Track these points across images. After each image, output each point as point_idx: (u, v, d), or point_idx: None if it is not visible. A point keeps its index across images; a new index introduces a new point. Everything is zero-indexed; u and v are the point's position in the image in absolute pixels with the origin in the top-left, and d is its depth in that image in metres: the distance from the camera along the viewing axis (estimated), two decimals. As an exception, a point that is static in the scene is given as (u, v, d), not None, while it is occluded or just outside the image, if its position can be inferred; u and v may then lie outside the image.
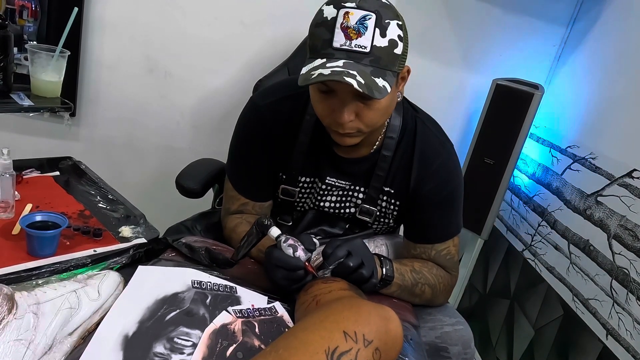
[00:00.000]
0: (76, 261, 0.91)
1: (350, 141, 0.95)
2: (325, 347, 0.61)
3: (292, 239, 0.88)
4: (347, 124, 0.89)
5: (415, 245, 1.11)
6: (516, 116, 1.71)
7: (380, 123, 0.94)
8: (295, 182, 1.11)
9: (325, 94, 0.90)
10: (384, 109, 0.92)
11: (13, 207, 1.01)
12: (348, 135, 0.93)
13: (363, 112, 0.90)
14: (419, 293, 1.06)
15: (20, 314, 0.67)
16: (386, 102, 0.90)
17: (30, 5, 1.49)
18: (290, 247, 0.87)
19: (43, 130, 1.81)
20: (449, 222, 1.09)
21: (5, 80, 1.18)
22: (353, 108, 0.89)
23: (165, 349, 0.71)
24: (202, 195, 1.36)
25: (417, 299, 1.07)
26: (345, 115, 0.88)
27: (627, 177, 1.34)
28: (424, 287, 1.05)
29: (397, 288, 1.02)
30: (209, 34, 1.79)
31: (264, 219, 0.90)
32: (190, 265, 0.93)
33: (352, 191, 1.11)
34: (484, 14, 1.84)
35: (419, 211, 1.08)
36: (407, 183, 1.07)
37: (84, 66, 1.75)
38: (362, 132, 0.93)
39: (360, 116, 0.90)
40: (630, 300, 1.24)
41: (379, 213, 1.12)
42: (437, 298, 1.10)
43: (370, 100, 0.87)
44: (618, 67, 1.55)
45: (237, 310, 0.83)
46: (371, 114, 0.90)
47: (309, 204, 1.15)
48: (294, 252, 0.86)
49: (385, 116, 0.95)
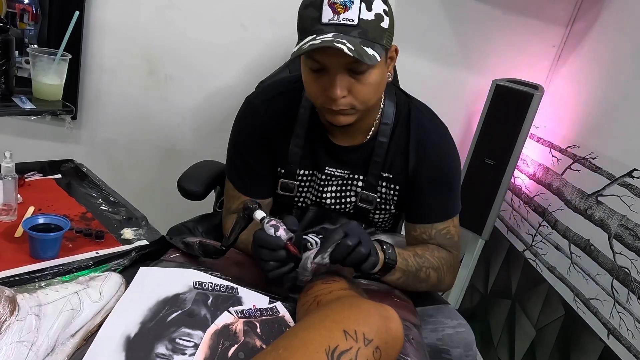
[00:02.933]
0: (78, 263, 0.91)
1: (345, 119, 0.96)
2: (326, 346, 0.62)
3: (275, 220, 0.88)
4: (339, 99, 0.91)
5: (416, 226, 1.11)
6: (516, 116, 1.71)
7: (372, 101, 0.96)
8: (294, 175, 1.12)
9: (317, 73, 0.92)
10: (376, 84, 0.93)
11: (15, 209, 1.02)
12: (342, 113, 0.95)
13: (355, 87, 0.91)
14: (424, 277, 1.04)
15: (22, 315, 0.68)
16: (377, 78, 0.92)
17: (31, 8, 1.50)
18: (272, 227, 0.87)
19: (45, 133, 1.82)
20: (447, 202, 1.11)
21: (7, 84, 1.19)
22: (345, 83, 0.90)
23: (167, 350, 0.71)
24: (203, 197, 1.36)
25: (423, 285, 1.05)
26: (337, 90, 0.89)
27: (627, 177, 1.34)
28: (428, 270, 1.04)
29: (401, 274, 1.00)
30: (209, 37, 1.80)
31: (250, 203, 0.91)
32: (191, 266, 0.93)
33: (351, 180, 1.12)
34: (483, 14, 1.85)
35: (418, 192, 1.09)
36: (405, 167, 1.08)
37: (85, 69, 1.76)
38: (355, 110, 0.95)
39: (353, 92, 0.92)
40: (632, 300, 1.24)
41: (379, 200, 1.12)
42: (443, 281, 1.09)
43: (361, 75, 0.90)
44: (618, 67, 1.55)
45: (238, 310, 0.83)
46: (363, 89, 0.92)
47: (310, 198, 1.15)
48: (276, 231, 0.87)
49: (377, 93, 0.96)
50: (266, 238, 0.87)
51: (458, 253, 1.14)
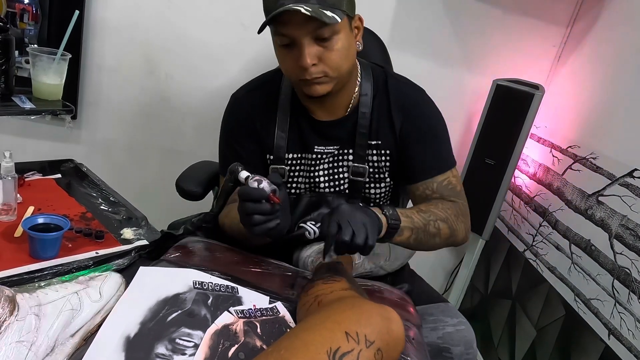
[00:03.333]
0: (78, 263, 0.91)
1: (321, 88, 1.00)
2: (327, 347, 0.61)
3: (259, 176, 0.90)
4: (310, 68, 0.96)
5: (417, 185, 1.12)
6: (517, 116, 1.71)
7: (344, 67, 1.00)
8: (283, 160, 1.14)
9: (288, 48, 0.98)
10: (344, 50, 0.97)
11: (15, 209, 1.02)
12: (317, 82, 0.99)
13: (324, 55, 0.96)
14: (435, 231, 1.03)
15: (22, 315, 0.67)
16: (344, 44, 0.97)
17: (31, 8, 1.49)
18: (255, 181, 0.89)
19: (45, 133, 1.82)
20: (440, 154, 1.13)
21: (7, 84, 1.19)
22: (314, 52, 0.95)
23: (167, 350, 0.71)
24: (202, 197, 1.37)
25: (437, 240, 1.05)
26: (307, 58, 0.94)
27: (628, 177, 1.34)
28: (437, 223, 1.03)
29: (410, 232, 0.99)
30: (209, 36, 1.79)
31: (234, 166, 0.92)
32: (191, 266, 0.93)
33: (341, 155, 1.14)
34: (484, 14, 1.84)
35: (410, 151, 1.12)
36: (392, 131, 1.12)
37: (85, 69, 1.76)
38: (329, 77, 0.99)
39: (323, 59, 0.97)
40: (632, 300, 1.24)
41: (372, 170, 1.14)
42: (456, 232, 1.08)
43: (328, 42, 0.95)
44: (618, 67, 1.55)
45: (238, 310, 0.83)
46: (332, 56, 0.96)
47: (302, 182, 1.17)
48: (259, 184, 0.88)
49: (347, 60, 1.00)
50: (249, 191, 0.88)
51: (464, 201, 1.15)
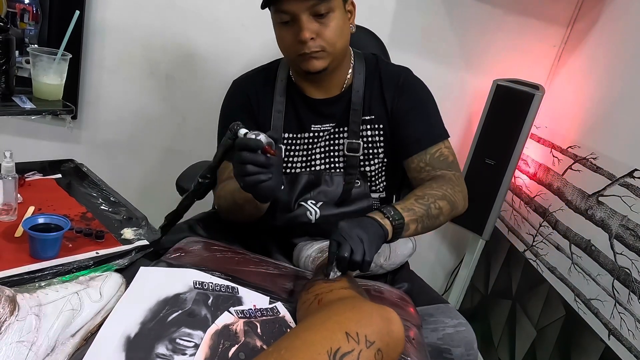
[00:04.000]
0: (78, 263, 0.91)
1: (318, 63, 1.07)
2: (328, 347, 0.62)
3: (258, 131, 0.91)
4: (309, 41, 1.04)
5: (412, 158, 1.16)
6: (517, 117, 1.71)
7: (339, 44, 1.08)
8: (280, 140, 1.17)
9: (287, 25, 1.06)
10: (338, 28, 1.06)
11: (15, 209, 1.02)
12: (314, 57, 1.06)
13: (321, 30, 1.04)
14: (437, 212, 1.06)
15: (22, 315, 0.68)
16: (339, 22, 1.06)
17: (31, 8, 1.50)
18: (253, 134, 0.90)
19: (45, 133, 1.82)
20: (431, 126, 1.18)
21: (7, 84, 1.19)
22: (312, 27, 1.03)
23: (168, 350, 0.71)
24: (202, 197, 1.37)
25: (441, 218, 1.07)
26: (306, 32, 1.03)
27: (628, 177, 1.34)
28: (436, 203, 1.06)
29: (415, 224, 1.02)
30: (209, 37, 1.80)
31: (234, 124, 0.94)
32: (192, 266, 0.93)
33: (337, 133, 1.19)
34: (484, 14, 1.84)
35: (402, 125, 1.17)
36: (384, 107, 1.18)
37: (86, 69, 1.76)
38: (326, 53, 1.07)
39: (320, 34, 1.04)
40: (632, 300, 1.24)
41: (365, 145, 1.18)
42: (456, 204, 1.11)
43: (324, 18, 1.04)
44: (618, 67, 1.55)
45: (239, 310, 0.83)
46: (328, 31, 1.05)
47: (299, 162, 1.20)
48: (257, 137, 0.89)
49: (342, 38, 1.08)
50: (247, 140, 0.90)
51: (457, 171, 1.18)
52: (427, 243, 2.20)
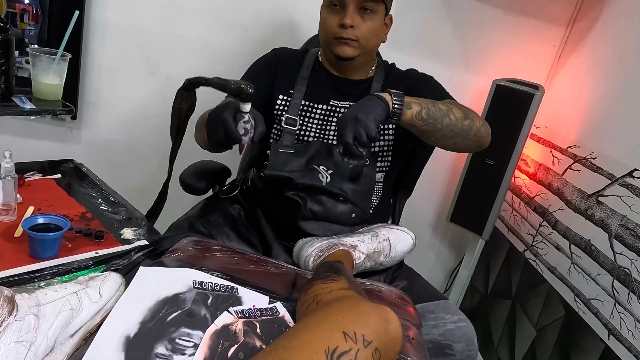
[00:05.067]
0: (78, 263, 0.91)
1: (349, 50, 1.19)
2: (325, 347, 0.62)
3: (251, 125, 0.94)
4: (349, 28, 1.16)
5: None
6: (516, 117, 1.71)
7: (371, 42, 1.21)
8: (298, 106, 1.25)
9: (334, 9, 1.18)
10: (375, 29, 1.20)
11: (15, 209, 1.02)
12: (347, 44, 1.18)
13: (361, 23, 1.17)
14: (445, 109, 1.08)
15: (21, 315, 0.68)
16: (377, 24, 1.20)
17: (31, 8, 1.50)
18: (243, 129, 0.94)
19: (45, 133, 1.82)
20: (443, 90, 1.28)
21: (7, 84, 1.19)
22: (355, 17, 1.17)
23: (167, 350, 0.71)
24: (205, 192, 1.38)
25: (452, 117, 1.09)
26: (349, 19, 1.16)
27: (628, 177, 1.34)
28: (444, 103, 1.10)
29: (419, 107, 1.05)
30: (209, 37, 1.80)
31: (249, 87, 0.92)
32: (191, 266, 0.93)
33: None
34: (484, 14, 1.84)
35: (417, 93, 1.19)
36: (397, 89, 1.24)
37: (85, 69, 1.76)
38: (358, 44, 1.18)
39: (359, 26, 1.17)
40: (632, 300, 1.24)
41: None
42: (470, 115, 1.13)
43: (368, 14, 1.17)
44: (618, 67, 1.55)
45: (238, 310, 0.83)
46: (366, 27, 1.18)
47: (313, 130, 1.25)
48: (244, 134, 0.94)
49: (375, 39, 1.22)
50: (233, 131, 0.93)
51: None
52: (427, 243, 2.20)
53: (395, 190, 1.51)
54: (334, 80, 1.28)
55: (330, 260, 1.06)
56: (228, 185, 1.43)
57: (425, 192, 1.99)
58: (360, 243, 1.14)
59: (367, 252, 1.14)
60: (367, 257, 1.14)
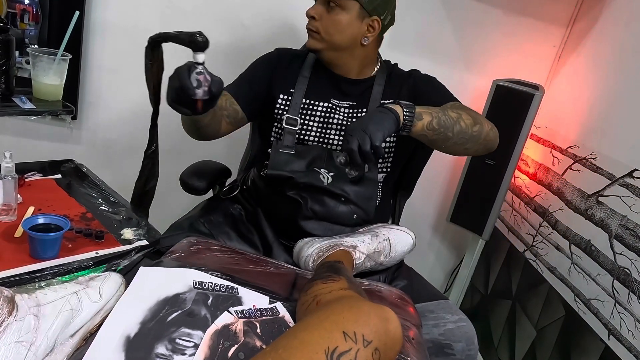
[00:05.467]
0: (78, 263, 0.91)
1: (313, 42, 1.21)
2: (325, 347, 0.62)
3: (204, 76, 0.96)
4: (310, 18, 1.19)
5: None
6: (516, 117, 1.71)
7: (336, 38, 1.19)
8: (299, 104, 1.25)
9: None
10: (340, 25, 1.17)
11: (15, 210, 1.02)
12: (311, 35, 1.21)
13: (324, 16, 1.18)
14: (455, 116, 1.08)
15: (21, 316, 0.68)
16: (344, 20, 1.17)
17: (31, 9, 1.50)
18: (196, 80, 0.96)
19: (45, 133, 1.82)
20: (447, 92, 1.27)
21: (7, 84, 1.19)
22: (319, 10, 1.18)
23: (167, 350, 0.71)
24: (205, 192, 1.39)
25: (462, 124, 1.08)
26: (312, 9, 1.19)
27: (628, 177, 1.34)
28: (454, 110, 1.09)
29: (429, 117, 1.04)
30: (210, 37, 1.79)
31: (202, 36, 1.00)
32: (191, 266, 0.93)
33: (355, 113, 1.26)
34: (484, 14, 1.84)
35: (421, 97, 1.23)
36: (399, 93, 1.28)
37: (86, 69, 1.76)
38: (320, 36, 1.19)
39: (322, 19, 1.18)
40: (632, 300, 1.24)
41: None
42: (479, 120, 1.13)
43: (332, 9, 1.16)
44: (618, 68, 1.55)
45: (238, 310, 0.83)
46: (328, 21, 1.17)
47: (315, 131, 1.25)
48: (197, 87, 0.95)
49: (341, 35, 1.19)
50: (184, 79, 0.95)
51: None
52: (427, 243, 2.20)
53: (395, 190, 1.51)
54: (334, 78, 1.28)
55: (330, 261, 1.06)
56: (229, 186, 1.43)
57: (425, 192, 1.99)
58: (360, 243, 1.14)
59: (367, 252, 1.14)
60: (367, 257, 1.14)
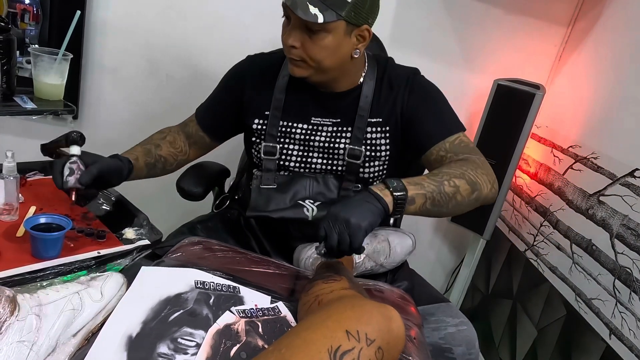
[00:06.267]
0: (80, 263, 0.91)
1: (298, 71, 1.07)
2: (328, 346, 0.62)
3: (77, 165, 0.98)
4: (290, 48, 1.03)
5: (431, 150, 1.11)
6: (517, 116, 1.71)
7: (326, 63, 1.04)
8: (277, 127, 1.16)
9: (287, 23, 1.04)
10: (329, 48, 1.02)
11: (17, 209, 1.02)
12: (294, 64, 1.06)
13: (307, 43, 1.02)
14: (453, 190, 0.97)
15: (23, 315, 0.68)
16: (331, 43, 1.02)
17: (32, 8, 1.50)
18: (69, 169, 0.97)
19: (46, 133, 1.81)
20: (446, 119, 1.15)
21: (8, 84, 1.19)
22: (298, 36, 1.02)
23: (169, 350, 0.71)
24: (202, 197, 1.37)
25: (458, 197, 0.98)
26: (290, 39, 1.02)
27: (629, 177, 1.34)
28: (452, 181, 0.97)
29: (423, 199, 0.94)
30: (210, 36, 1.80)
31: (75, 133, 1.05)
32: (193, 266, 0.93)
33: (339, 132, 1.15)
34: (484, 14, 1.84)
35: (417, 121, 1.13)
36: (394, 108, 1.15)
37: (87, 69, 1.76)
38: (306, 64, 1.05)
39: (304, 46, 1.02)
40: (634, 300, 1.24)
41: (369, 148, 1.14)
42: (479, 185, 1.01)
43: (314, 34, 1.00)
44: (619, 67, 1.55)
45: (240, 310, 0.83)
46: (314, 48, 1.02)
47: (296, 156, 1.17)
48: (69, 175, 0.96)
49: (332, 58, 1.04)
50: (55, 171, 0.97)
51: (481, 156, 1.09)
52: (428, 243, 2.20)
53: None
54: (315, 94, 1.15)
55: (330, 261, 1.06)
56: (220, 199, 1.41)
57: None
58: None
59: (366, 252, 1.14)
60: (367, 257, 1.14)
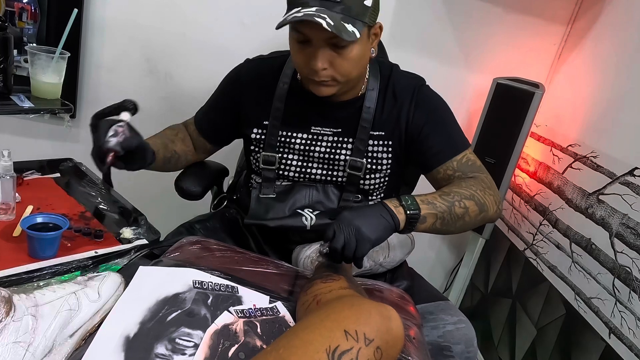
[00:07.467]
0: (77, 263, 0.91)
1: (327, 91, 1.02)
2: (326, 346, 0.61)
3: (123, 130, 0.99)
4: (321, 71, 0.97)
5: (438, 169, 1.12)
6: (517, 115, 1.71)
7: (354, 74, 1.01)
8: (276, 136, 1.14)
9: (302, 44, 0.97)
10: (357, 59, 0.98)
11: (14, 209, 1.01)
12: (323, 84, 1.01)
13: (336, 60, 0.97)
14: (463, 211, 1.00)
15: (19, 316, 0.67)
16: (358, 52, 0.98)
17: (29, 7, 1.49)
18: (114, 131, 0.98)
19: (43, 132, 1.81)
20: (453, 136, 1.14)
21: (5, 82, 1.19)
22: (327, 56, 0.96)
23: (167, 350, 0.71)
24: (201, 197, 1.36)
25: (466, 218, 1.01)
26: (319, 62, 0.95)
27: (628, 176, 1.33)
28: (462, 202, 1.00)
29: (434, 218, 0.97)
30: (209, 35, 1.79)
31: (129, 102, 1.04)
32: (191, 266, 0.92)
33: (339, 142, 1.14)
34: (484, 13, 1.84)
35: (423, 138, 1.12)
36: (398, 122, 1.12)
37: (84, 68, 1.75)
38: (337, 82, 1.01)
39: (334, 65, 0.97)
40: (633, 299, 1.24)
41: (370, 161, 1.13)
42: (486, 206, 1.04)
43: (342, 49, 0.95)
44: (619, 66, 1.55)
45: (238, 310, 0.82)
46: (344, 63, 0.97)
47: (295, 166, 1.16)
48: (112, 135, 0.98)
49: (359, 67, 1.01)
50: (100, 135, 0.97)
51: (487, 175, 1.12)
52: (427, 242, 2.20)
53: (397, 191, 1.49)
54: (316, 103, 1.10)
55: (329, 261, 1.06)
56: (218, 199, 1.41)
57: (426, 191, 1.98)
58: None
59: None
60: (366, 257, 1.14)
